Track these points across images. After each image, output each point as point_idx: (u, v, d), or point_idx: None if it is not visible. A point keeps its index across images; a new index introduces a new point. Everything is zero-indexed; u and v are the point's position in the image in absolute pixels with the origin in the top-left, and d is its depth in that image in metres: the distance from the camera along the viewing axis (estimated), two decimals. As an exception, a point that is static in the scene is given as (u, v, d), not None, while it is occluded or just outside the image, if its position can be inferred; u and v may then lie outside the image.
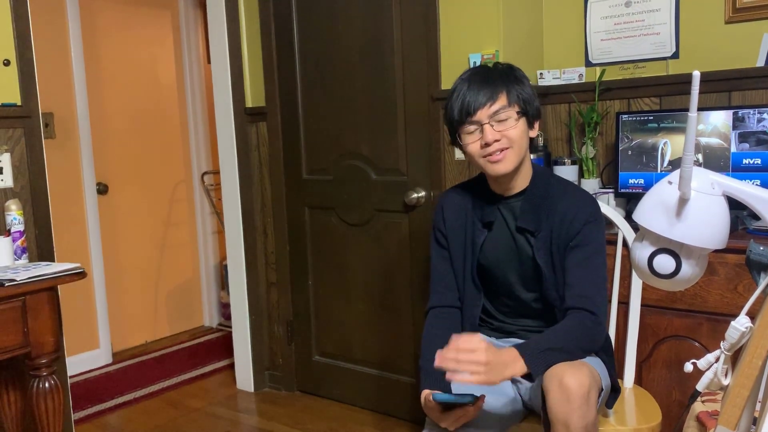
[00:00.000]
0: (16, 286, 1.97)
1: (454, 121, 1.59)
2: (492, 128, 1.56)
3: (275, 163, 3.09)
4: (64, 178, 3.50)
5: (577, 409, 1.37)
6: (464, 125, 1.58)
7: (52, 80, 3.40)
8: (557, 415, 1.39)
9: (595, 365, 1.55)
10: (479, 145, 1.58)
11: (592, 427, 1.40)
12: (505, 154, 1.58)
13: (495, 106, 1.56)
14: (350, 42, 2.77)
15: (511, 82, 1.59)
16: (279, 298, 3.19)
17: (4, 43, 2.31)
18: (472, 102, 1.56)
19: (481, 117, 1.56)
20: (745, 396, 0.89)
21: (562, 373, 1.40)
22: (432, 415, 1.52)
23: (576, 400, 1.37)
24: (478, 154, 1.59)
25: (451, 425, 1.49)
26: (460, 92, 1.58)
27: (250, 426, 2.90)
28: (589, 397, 1.39)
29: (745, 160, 2.07)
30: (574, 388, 1.37)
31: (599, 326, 1.57)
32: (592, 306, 1.56)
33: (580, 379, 1.38)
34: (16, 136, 2.35)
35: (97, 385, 3.44)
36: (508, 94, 1.57)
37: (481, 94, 1.55)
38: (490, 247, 1.70)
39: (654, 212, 1.01)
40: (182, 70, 4.26)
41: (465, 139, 1.60)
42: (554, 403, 1.39)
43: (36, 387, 2.07)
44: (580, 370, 1.41)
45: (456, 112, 1.58)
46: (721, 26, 2.26)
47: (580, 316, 1.55)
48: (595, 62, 2.52)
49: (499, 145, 1.57)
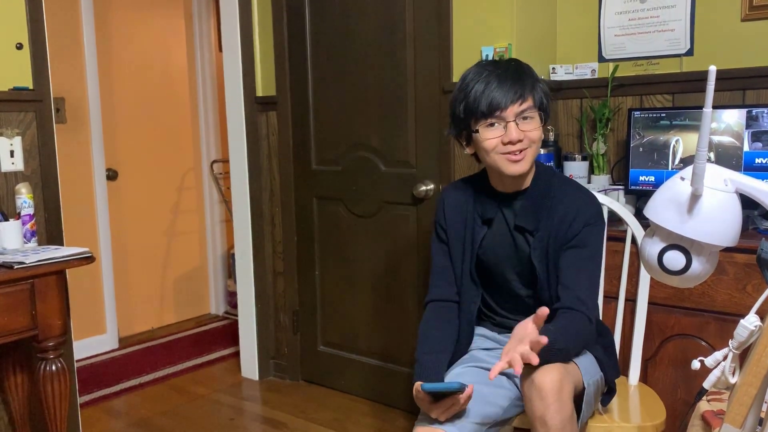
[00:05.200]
0: (25, 269, 1.98)
1: (479, 113, 1.55)
2: (517, 127, 1.55)
3: (284, 153, 3.09)
4: (74, 163, 3.51)
5: (552, 405, 1.38)
6: (488, 119, 1.56)
7: (64, 65, 3.41)
8: (534, 412, 1.40)
9: (581, 361, 1.55)
10: (500, 141, 1.56)
11: (568, 421, 1.41)
12: (525, 154, 1.57)
13: (524, 105, 1.55)
14: (362, 33, 2.76)
15: (536, 83, 1.59)
16: (285, 288, 3.19)
17: (18, 27, 2.32)
18: (502, 97, 1.53)
19: (508, 114, 1.54)
20: (752, 395, 0.89)
21: (535, 372, 1.41)
22: (422, 405, 1.54)
23: (549, 396, 1.38)
24: (496, 150, 1.57)
25: (441, 415, 1.50)
26: (490, 84, 1.55)
27: (254, 414, 2.92)
28: (562, 392, 1.40)
29: (757, 160, 2.05)
30: (546, 384, 1.39)
31: (592, 328, 1.58)
32: (587, 309, 1.56)
33: (551, 376, 1.39)
34: (27, 119, 2.36)
35: (103, 370, 3.46)
36: (534, 96, 1.57)
37: (513, 91, 1.54)
38: (489, 244, 1.70)
39: (666, 208, 1.00)
40: (194, 57, 4.26)
41: (485, 133, 1.57)
42: (529, 401, 1.42)
43: (43, 370, 2.09)
44: (552, 367, 1.41)
45: (484, 104, 1.54)
46: (737, 24, 2.24)
47: (576, 317, 1.55)
48: (608, 58, 2.50)
49: (521, 145, 1.56)
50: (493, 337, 1.77)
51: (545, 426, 1.39)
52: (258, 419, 2.86)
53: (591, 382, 1.55)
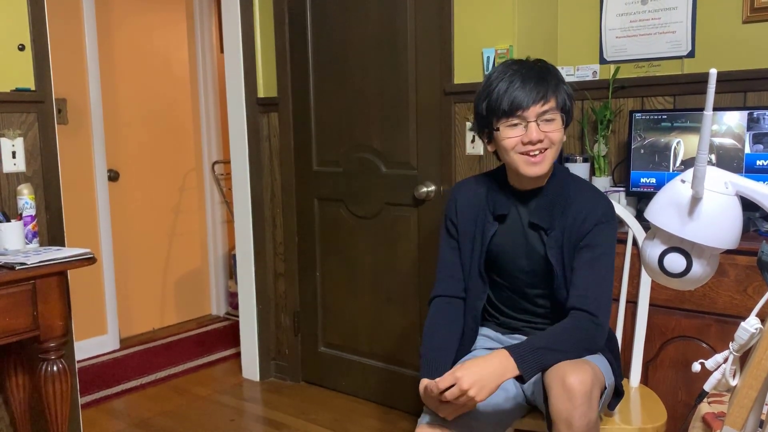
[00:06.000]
0: (26, 270, 1.98)
1: (501, 112, 1.56)
2: (538, 127, 1.55)
3: (286, 154, 3.09)
4: (75, 164, 3.52)
5: (579, 407, 1.37)
6: (509, 118, 1.56)
7: (65, 66, 3.42)
8: (560, 413, 1.38)
9: (600, 364, 1.54)
10: (519, 140, 1.57)
11: (593, 425, 1.40)
12: (545, 156, 1.57)
13: (546, 106, 1.55)
14: (364, 34, 2.76)
15: (559, 85, 1.59)
16: (286, 289, 3.20)
17: (20, 28, 2.32)
18: (525, 97, 1.54)
19: (530, 114, 1.55)
20: (753, 397, 0.89)
21: (565, 372, 1.40)
22: (431, 404, 1.52)
23: (578, 398, 1.37)
24: (516, 150, 1.57)
25: (450, 415, 1.49)
26: (513, 83, 1.55)
27: (255, 415, 2.92)
28: (592, 396, 1.39)
29: (759, 162, 2.05)
30: (576, 386, 1.37)
31: (598, 328, 1.56)
32: (594, 308, 1.55)
33: (583, 378, 1.38)
34: (29, 120, 2.36)
35: (104, 371, 3.46)
36: (557, 97, 1.57)
37: (535, 91, 1.54)
38: (500, 241, 1.69)
39: (666, 211, 1.00)
40: (195, 58, 4.26)
41: (505, 132, 1.57)
42: (556, 401, 1.39)
43: (44, 370, 2.09)
44: (583, 369, 1.40)
45: (506, 103, 1.55)
46: (739, 26, 2.24)
47: (578, 316, 1.55)
48: (609, 60, 2.50)
49: (541, 146, 1.56)
50: (497, 338, 1.77)
51: (571, 428, 1.37)
52: (259, 420, 2.87)
53: (609, 385, 1.56)
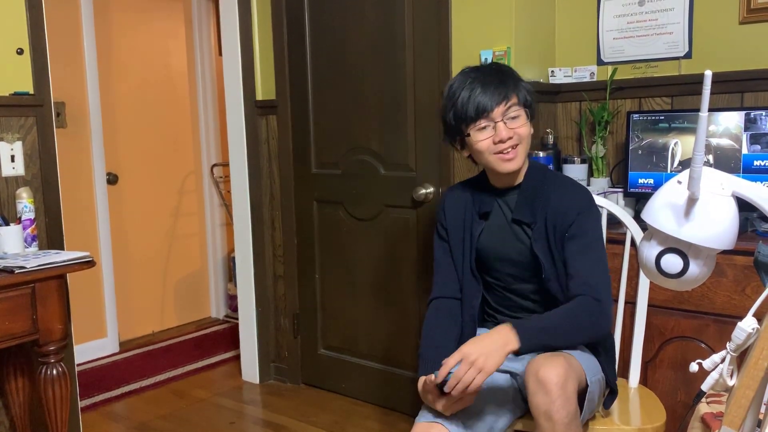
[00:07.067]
0: (25, 274, 1.98)
1: (468, 118, 1.63)
2: (505, 125, 1.62)
3: (284, 156, 3.09)
4: (74, 167, 3.52)
5: (557, 399, 1.38)
6: (477, 123, 1.63)
7: (64, 70, 3.42)
8: (538, 407, 1.40)
9: (584, 359, 1.56)
10: (491, 141, 1.63)
11: (574, 416, 1.41)
12: (517, 152, 1.64)
13: (509, 105, 1.62)
14: (361, 36, 2.77)
15: (518, 83, 1.67)
16: (286, 291, 3.20)
17: (18, 32, 2.32)
18: (488, 101, 1.61)
19: (496, 115, 1.62)
20: (750, 397, 0.89)
21: (539, 366, 1.42)
22: (428, 399, 1.55)
23: (554, 391, 1.39)
24: (490, 151, 1.64)
25: (447, 410, 1.51)
26: (474, 90, 1.63)
27: (255, 417, 2.92)
28: (567, 387, 1.40)
29: (756, 162, 2.05)
30: (550, 379, 1.39)
31: (603, 312, 1.57)
32: (596, 293, 1.57)
33: (556, 370, 1.40)
34: (28, 124, 2.36)
35: (104, 374, 3.46)
36: (518, 95, 1.64)
37: (497, 93, 1.62)
38: (487, 237, 1.74)
39: (662, 211, 1.00)
40: (194, 61, 4.27)
41: (476, 136, 1.64)
42: (533, 396, 1.42)
43: (44, 374, 2.09)
44: (556, 362, 1.42)
45: (472, 109, 1.62)
46: (735, 27, 2.24)
47: (583, 301, 1.56)
48: (607, 61, 2.51)
49: (511, 142, 1.63)
50: None
51: (550, 420, 1.39)
52: (258, 423, 2.87)
53: (593, 381, 1.56)
